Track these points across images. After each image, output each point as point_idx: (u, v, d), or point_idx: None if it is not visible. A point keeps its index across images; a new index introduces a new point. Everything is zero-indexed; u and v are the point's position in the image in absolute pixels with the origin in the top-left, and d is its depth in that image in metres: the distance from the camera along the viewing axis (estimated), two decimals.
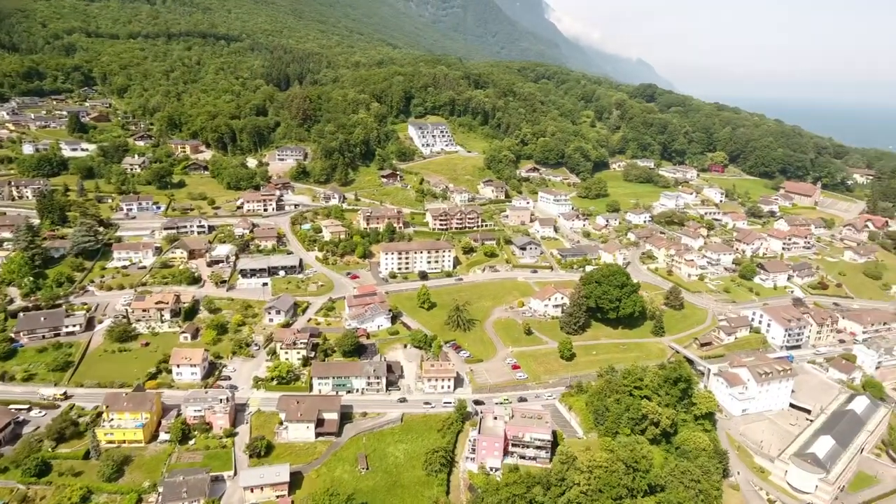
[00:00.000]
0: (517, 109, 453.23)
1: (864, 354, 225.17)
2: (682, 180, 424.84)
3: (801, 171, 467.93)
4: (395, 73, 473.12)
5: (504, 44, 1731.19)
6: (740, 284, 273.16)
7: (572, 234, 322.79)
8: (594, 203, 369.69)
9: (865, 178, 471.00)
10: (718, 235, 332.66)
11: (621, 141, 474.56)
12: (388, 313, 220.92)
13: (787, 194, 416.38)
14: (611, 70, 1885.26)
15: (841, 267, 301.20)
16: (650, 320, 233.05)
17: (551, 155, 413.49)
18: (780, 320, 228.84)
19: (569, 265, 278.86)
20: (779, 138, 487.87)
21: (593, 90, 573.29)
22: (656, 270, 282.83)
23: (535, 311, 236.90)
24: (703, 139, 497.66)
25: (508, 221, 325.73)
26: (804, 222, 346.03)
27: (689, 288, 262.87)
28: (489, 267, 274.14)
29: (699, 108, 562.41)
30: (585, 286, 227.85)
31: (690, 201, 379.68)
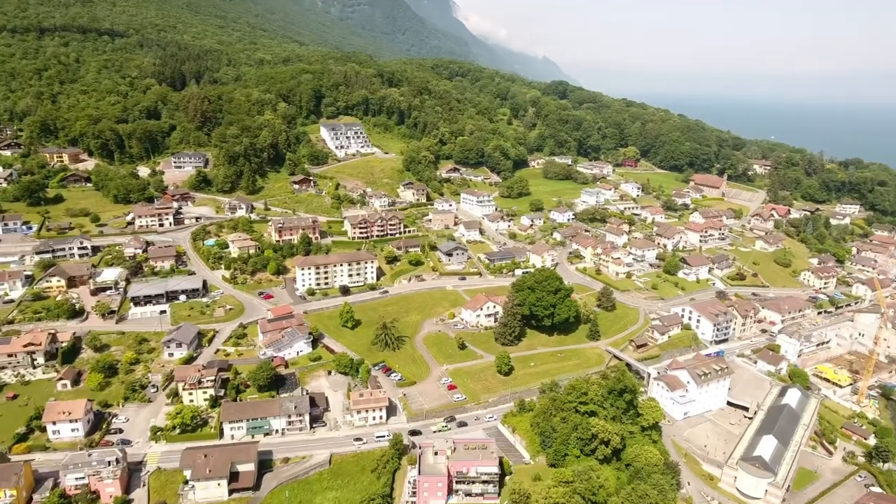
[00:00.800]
0: (434, 108, 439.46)
1: (787, 343, 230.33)
2: (600, 176, 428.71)
3: (706, 163, 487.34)
4: (303, 71, 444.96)
5: (414, 42, 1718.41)
6: (666, 280, 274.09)
7: (498, 236, 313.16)
8: (517, 202, 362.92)
9: (763, 168, 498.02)
10: (639, 230, 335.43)
11: (539, 138, 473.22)
12: (308, 336, 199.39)
13: (696, 186, 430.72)
14: (519, 68, 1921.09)
15: (754, 256, 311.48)
16: (585, 324, 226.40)
17: (471, 154, 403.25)
18: (709, 315, 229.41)
19: (497, 270, 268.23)
20: (685, 132, 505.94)
21: (507, 87, 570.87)
22: (585, 270, 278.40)
23: (467, 322, 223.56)
24: (615, 135, 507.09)
25: (432, 226, 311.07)
26: (717, 214, 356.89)
27: (619, 287, 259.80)
28: (415, 276, 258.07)
29: (609, 105, 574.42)
30: (518, 293, 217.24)
31: (610, 197, 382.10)
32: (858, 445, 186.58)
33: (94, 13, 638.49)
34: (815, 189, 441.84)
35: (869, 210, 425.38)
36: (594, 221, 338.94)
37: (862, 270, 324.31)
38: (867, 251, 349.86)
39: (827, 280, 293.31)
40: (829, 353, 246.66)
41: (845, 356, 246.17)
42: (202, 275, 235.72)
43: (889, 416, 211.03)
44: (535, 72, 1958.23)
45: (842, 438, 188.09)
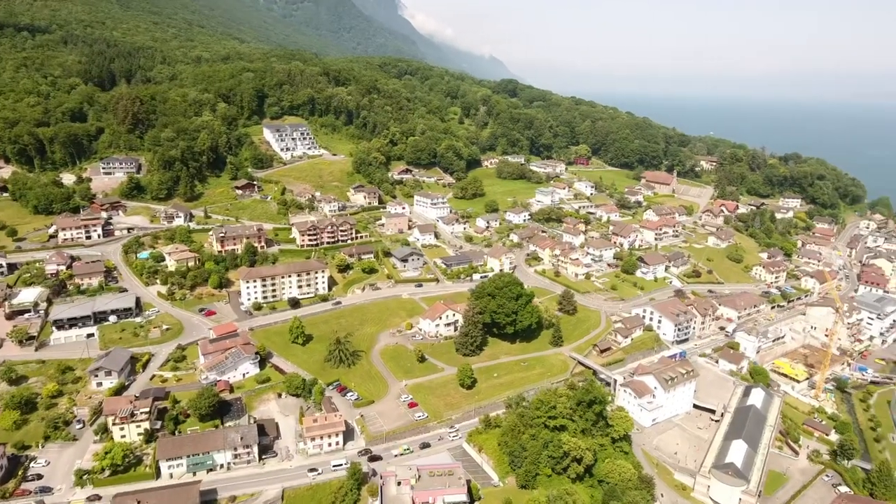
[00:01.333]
0: (383, 107, 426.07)
1: (745, 341, 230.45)
2: (553, 175, 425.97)
3: (655, 160, 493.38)
4: (244, 69, 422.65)
5: (360, 40, 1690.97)
6: (624, 280, 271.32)
7: (454, 239, 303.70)
8: (472, 203, 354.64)
9: (709, 164, 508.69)
10: (595, 230, 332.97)
11: (491, 137, 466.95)
12: (255, 356, 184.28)
13: (648, 184, 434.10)
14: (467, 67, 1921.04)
15: (708, 253, 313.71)
16: (547, 329, 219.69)
17: (423, 155, 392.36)
18: (670, 316, 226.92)
19: (455, 275, 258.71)
20: (634, 130, 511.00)
21: (457, 86, 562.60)
22: (543, 272, 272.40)
23: (425, 332, 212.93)
24: (566, 133, 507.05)
25: (385, 230, 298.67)
26: (669, 211, 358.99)
27: (579, 289, 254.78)
28: (369, 285, 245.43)
29: (559, 103, 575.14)
30: (478, 301, 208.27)
31: (564, 196, 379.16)
32: (821, 442, 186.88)
33: (12, 7, 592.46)
34: (759, 184, 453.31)
35: (810, 203, 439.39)
36: (550, 221, 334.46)
37: (808, 263, 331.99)
38: (811, 244, 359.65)
39: (777, 274, 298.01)
40: (784, 347, 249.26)
41: (800, 350, 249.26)
42: (135, 292, 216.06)
43: (846, 409, 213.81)
44: (483, 71, 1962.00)
45: (804, 435, 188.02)
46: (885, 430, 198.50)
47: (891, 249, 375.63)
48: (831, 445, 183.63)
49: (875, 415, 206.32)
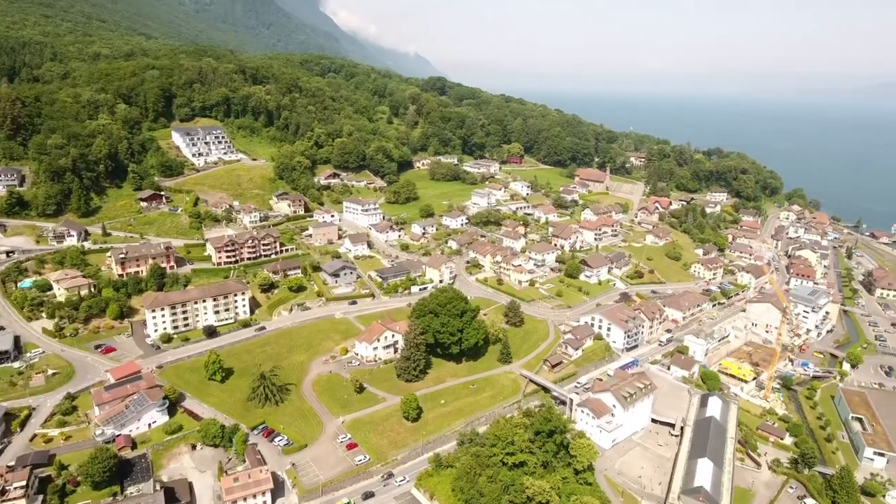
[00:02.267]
0: (306, 107, 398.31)
1: (694, 344, 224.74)
2: (488, 175, 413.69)
3: (587, 157, 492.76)
4: (148, 66, 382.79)
5: (280, 36, 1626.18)
6: (569, 285, 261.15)
7: (389, 248, 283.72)
8: (406, 208, 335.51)
9: (639, 160, 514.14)
10: (535, 232, 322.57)
11: (422, 137, 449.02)
12: (164, 401, 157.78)
13: (582, 181, 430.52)
14: (392, 65, 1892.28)
15: (647, 252, 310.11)
16: (494, 344, 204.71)
17: (351, 157, 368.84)
18: (619, 323, 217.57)
19: (392, 289, 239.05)
20: (565, 127, 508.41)
21: (385, 84, 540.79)
22: (486, 281, 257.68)
23: (363, 357, 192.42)
24: (498, 131, 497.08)
25: (314, 242, 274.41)
26: (607, 210, 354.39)
27: (524, 297, 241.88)
28: (297, 305, 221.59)
29: (489, 101, 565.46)
30: (420, 320, 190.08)
31: (501, 197, 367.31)
32: (777, 447, 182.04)
33: None
34: (687, 179, 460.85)
35: (735, 197, 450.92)
36: (489, 225, 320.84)
37: (741, 257, 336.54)
38: (741, 237, 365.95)
39: (715, 271, 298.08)
40: (729, 346, 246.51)
41: (744, 348, 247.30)
42: (14, 329, 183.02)
43: (794, 408, 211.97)
44: (409, 69, 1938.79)
45: (760, 441, 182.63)
46: (835, 429, 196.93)
47: (812, 240, 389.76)
48: (788, 450, 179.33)
49: (823, 412, 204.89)
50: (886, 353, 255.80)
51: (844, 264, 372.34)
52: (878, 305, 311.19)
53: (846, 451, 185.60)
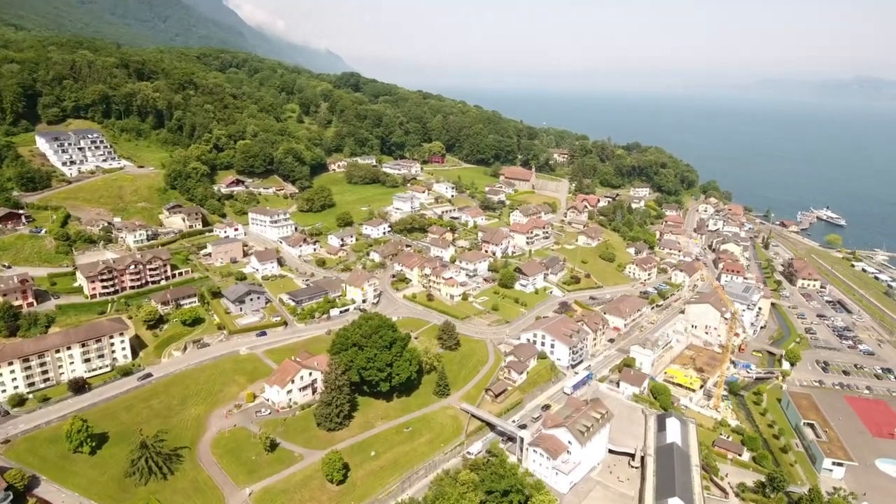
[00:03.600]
0: (203, 106, 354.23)
1: (640, 355, 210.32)
2: (410, 177, 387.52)
3: (510, 155, 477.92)
4: (6, 59, 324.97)
5: (179, 31, 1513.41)
6: (504, 296, 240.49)
7: (304, 265, 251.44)
8: (321, 217, 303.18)
9: (561, 156, 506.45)
10: (463, 237, 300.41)
11: (336, 137, 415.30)
12: (5, 493, 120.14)
13: (508, 180, 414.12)
14: (303, 61, 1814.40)
15: (581, 254, 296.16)
16: (429, 374, 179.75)
17: (257, 161, 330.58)
18: (563, 338, 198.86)
19: (308, 314, 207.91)
20: (486, 124, 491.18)
21: (293, 80, 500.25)
22: (414, 297, 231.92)
23: (275, 403, 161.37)
24: (418, 129, 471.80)
25: (214, 262, 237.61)
26: (536, 210, 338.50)
27: (457, 314, 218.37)
28: (194, 343, 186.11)
29: (407, 97, 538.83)
30: (342, 355, 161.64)
31: (425, 200, 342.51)
32: (736, 465, 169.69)
33: None
34: (610, 175, 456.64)
35: (657, 191, 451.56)
36: (414, 232, 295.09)
37: (670, 254, 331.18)
38: (668, 233, 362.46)
39: (650, 271, 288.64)
40: (672, 352, 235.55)
41: (686, 352, 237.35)
42: None
43: (744, 416, 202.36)
44: (320, 66, 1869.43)
45: (719, 460, 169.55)
46: (788, 437, 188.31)
47: (732, 232, 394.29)
48: (747, 467, 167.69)
49: (774, 420, 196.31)
50: (819, 346, 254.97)
51: (763, 255, 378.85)
52: (801, 297, 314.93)
53: (803, 462, 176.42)
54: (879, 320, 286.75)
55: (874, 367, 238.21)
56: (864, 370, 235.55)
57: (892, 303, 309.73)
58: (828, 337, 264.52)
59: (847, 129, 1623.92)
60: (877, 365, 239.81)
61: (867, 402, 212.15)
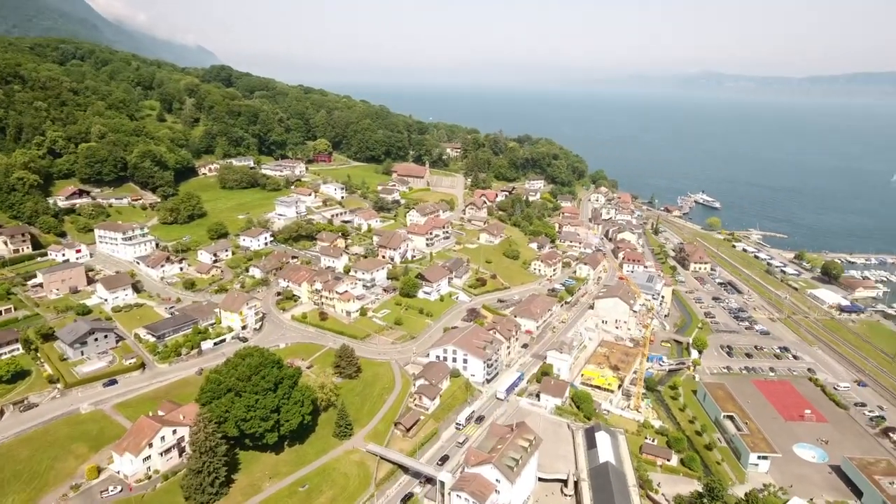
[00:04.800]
0: (32, 104, 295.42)
1: (557, 361, 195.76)
2: (294, 178, 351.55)
3: (402, 151, 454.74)
4: None
5: (16, 21, 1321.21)
6: (408, 307, 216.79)
7: (167, 289, 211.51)
8: (189, 230, 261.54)
9: (454, 151, 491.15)
10: (357, 243, 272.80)
11: (206, 137, 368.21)
12: None
13: (401, 178, 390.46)
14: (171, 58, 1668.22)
15: (485, 253, 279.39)
16: (326, 412, 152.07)
17: (106, 167, 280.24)
18: (476, 352, 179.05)
19: (173, 350, 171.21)
20: (374, 119, 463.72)
21: (152, 74, 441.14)
22: (304, 318, 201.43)
23: (127, 476, 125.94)
24: (300, 126, 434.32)
25: (47, 294, 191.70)
26: (433, 209, 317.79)
27: (356, 334, 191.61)
28: (14, 405, 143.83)
29: (286, 92, 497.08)
30: (214, 405, 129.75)
31: (311, 204, 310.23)
32: (666, 472, 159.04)
33: None
34: (505, 168, 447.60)
35: (551, 183, 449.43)
36: (301, 240, 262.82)
37: (571, 247, 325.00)
38: (566, 225, 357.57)
39: (555, 266, 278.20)
40: (587, 352, 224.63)
41: (599, 350, 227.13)
42: None
43: (664, 414, 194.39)
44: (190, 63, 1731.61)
45: (649, 468, 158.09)
46: (710, 431, 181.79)
47: (625, 220, 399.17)
48: (678, 472, 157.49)
49: (694, 416, 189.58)
50: (720, 330, 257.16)
51: (655, 241, 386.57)
52: (695, 280, 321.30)
53: (729, 459, 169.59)
54: (767, 299, 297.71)
55: (772, 346, 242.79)
56: (763, 351, 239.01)
57: (774, 280, 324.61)
58: (726, 320, 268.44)
59: (698, 117, 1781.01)
60: (774, 344, 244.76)
61: (773, 384, 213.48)
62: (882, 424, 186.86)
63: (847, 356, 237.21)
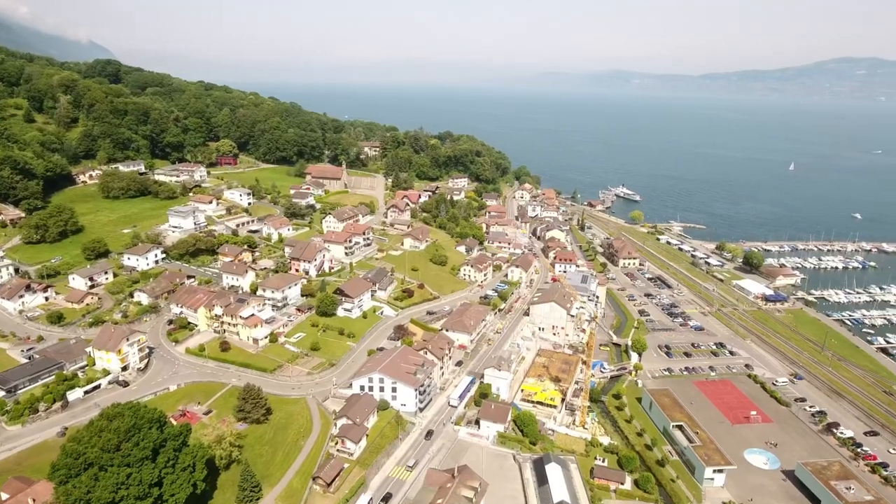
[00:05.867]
0: None
1: (496, 380, 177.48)
2: (193, 184, 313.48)
3: (316, 151, 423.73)
4: None
5: None
6: (327, 328, 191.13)
7: (25, 325, 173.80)
8: (61, 249, 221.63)
9: (373, 149, 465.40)
10: (266, 256, 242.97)
11: (86, 139, 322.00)
12: None
13: (316, 181, 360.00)
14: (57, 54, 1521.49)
15: (410, 260, 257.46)
16: (227, 471, 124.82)
17: None
18: (406, 378, 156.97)
19: (27, 408, 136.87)
20: (284, 117, 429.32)
21: (19, 67, 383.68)
22: (202, 350, 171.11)
23: None
24: (200, 126, 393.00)
25: None
26: (352, 213, 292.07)
27: (265, 366, 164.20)
28: None
29: (184, 88, 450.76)
30: (74, 483, 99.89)
31: (213, 212, 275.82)
32: (620, 497, 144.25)
33: None
34: (427, 166, 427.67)
35: (475, 181, 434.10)
36: (200, 255, 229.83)
37: (500, 248, 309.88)
38: (494, 225, 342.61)
39: (485, 270, 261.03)
40: (525, 364, 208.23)
41: (538, 360, 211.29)
42: None
43: (611, 428, 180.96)
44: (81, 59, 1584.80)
45: (601, 493, 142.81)
46: (660, 444, 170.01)
47: (552, 217, 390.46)
48: (634, 497, 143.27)
49: (642, 428, 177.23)
50: (656, 329, 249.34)
51: (582, 238, 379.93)
52: (625, 276, 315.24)
53: (683, 474, 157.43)
54: (696, 292, 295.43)
55: (708, 343, 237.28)
56: (701, 348, 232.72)
57: (700, 272, 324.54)
58: (661, 317, 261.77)
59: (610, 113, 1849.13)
60: (710, 340, 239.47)
61: (715, 384, 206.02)
62: (824, 421, 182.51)
63: (780, 348, 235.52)
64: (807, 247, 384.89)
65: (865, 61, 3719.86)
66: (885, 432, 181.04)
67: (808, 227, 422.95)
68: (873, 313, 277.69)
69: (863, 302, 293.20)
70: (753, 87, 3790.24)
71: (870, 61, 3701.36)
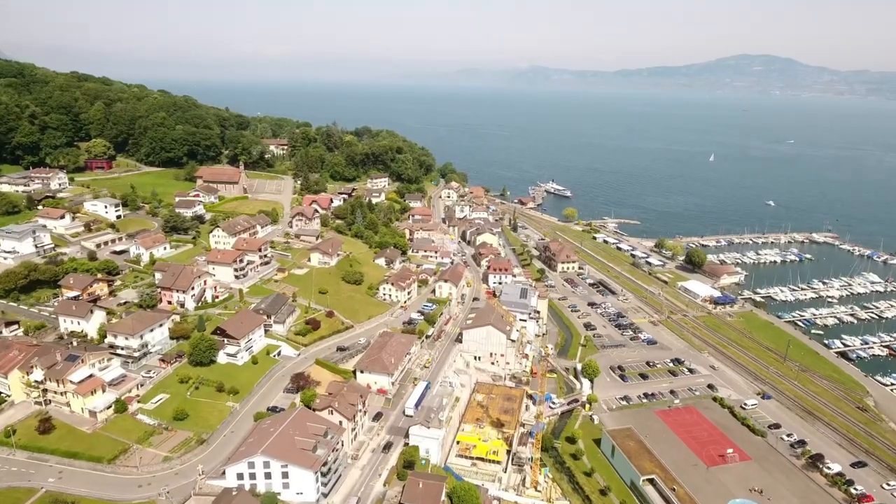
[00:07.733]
0: None
1: (424, 440, 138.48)
2: (45, 194, 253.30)
3: (212, 150, 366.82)
4: None
5: None
6: (200, 384, 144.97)
7: None
8: None
9: (280, 148, 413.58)
10: (131, 285, 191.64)
11: None
12: None
13: (208, 185, 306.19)
14: None
15: (318, 280, 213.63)
16: None
17: None
18: (301, 458, 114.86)
19: None
20: (173, 113, 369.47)
21: None
22: (9, 436, 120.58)
23: None
24: (65, 124, 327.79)
25: None
26: (248, 224, 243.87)
27: (101, 454, 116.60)
28: None
29: (48, 80, 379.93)
30: None
31: (65, 230, 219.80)
32: None
33: None
34: (342, 166, 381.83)
35: (396, 181, 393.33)
36: (36, 291, 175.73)
37: (426, 258, 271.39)
38: (419, 230, 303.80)
39: (409, 287, 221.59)
40: (460, 405, 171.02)
41: (475, 399, 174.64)
42: None
43: (569, 487, 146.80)
44: None
45: None
46: (629, 501, 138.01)
47: (482, 218, 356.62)
48: None
49: (607, 485, 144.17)
50: (606, 346, 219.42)
51: (516, 240, 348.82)
52: (565, 283, 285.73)
53: None
54: (642, 297, 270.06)
55: (664, 359, 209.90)
56: (657, 367, 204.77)
57: (642, 274, 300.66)
58: (609, 331, 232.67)
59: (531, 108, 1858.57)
60: (665, 356, 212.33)
61: (679, 413, 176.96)
62: (808, 453, 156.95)
63: (740, 361, 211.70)
64: (742, 240, 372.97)
65: (760, 58, 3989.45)
66: (872, 461, 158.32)
67: (737, 218, 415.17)
68: (822, 312, 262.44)
69: (809, 299, 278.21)
70: (663, 82, 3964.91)
71: (764, 58, 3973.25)
